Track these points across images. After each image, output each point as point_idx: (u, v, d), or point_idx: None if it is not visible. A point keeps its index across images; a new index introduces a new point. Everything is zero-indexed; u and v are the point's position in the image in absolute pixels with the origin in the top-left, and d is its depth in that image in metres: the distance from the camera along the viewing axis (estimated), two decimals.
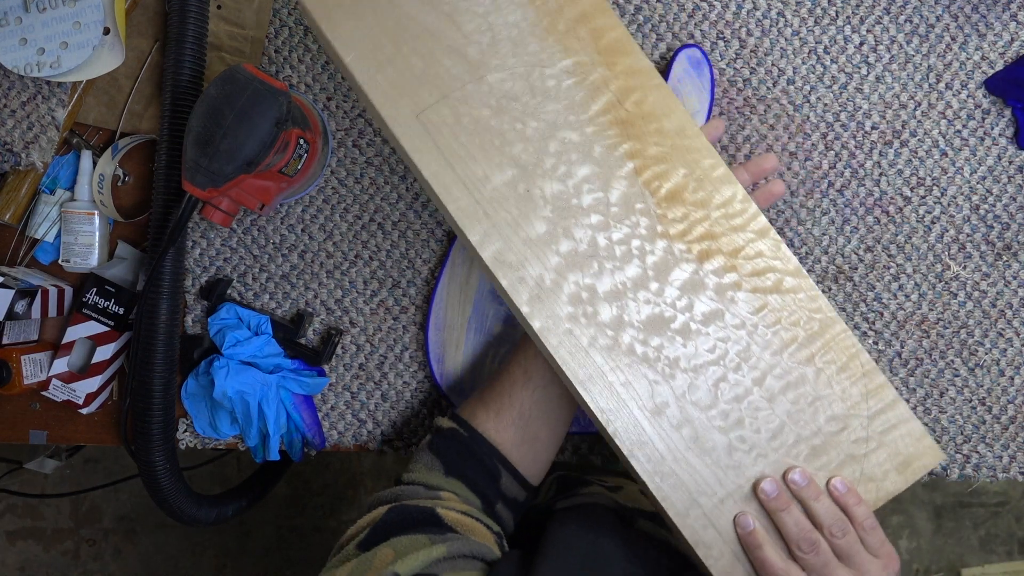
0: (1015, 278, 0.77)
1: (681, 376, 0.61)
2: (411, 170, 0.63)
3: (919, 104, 0.77)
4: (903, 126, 0.77)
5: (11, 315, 0.70)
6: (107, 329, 0.75)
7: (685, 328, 0.61)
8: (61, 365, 0.75)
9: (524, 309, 0.60)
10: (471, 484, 0.63)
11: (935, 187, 0.77)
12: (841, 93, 0.77)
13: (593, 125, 0.62)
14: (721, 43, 0.76)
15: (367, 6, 0.62)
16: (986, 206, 0.77)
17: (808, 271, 0.76)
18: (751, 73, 0.76)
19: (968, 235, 0.77)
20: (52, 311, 0.75)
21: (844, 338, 0.62)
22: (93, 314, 0.75)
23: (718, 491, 0.60)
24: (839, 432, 0.62)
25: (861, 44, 0.77)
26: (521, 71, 0.62)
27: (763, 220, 0.63)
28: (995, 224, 0.77)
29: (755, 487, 0.60)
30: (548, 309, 0.60)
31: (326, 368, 0.77)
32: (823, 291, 0.77)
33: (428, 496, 0.61)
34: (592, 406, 0.60)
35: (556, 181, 0.62)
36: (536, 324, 0.60)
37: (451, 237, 0.77)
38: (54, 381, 0.75)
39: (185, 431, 0.77)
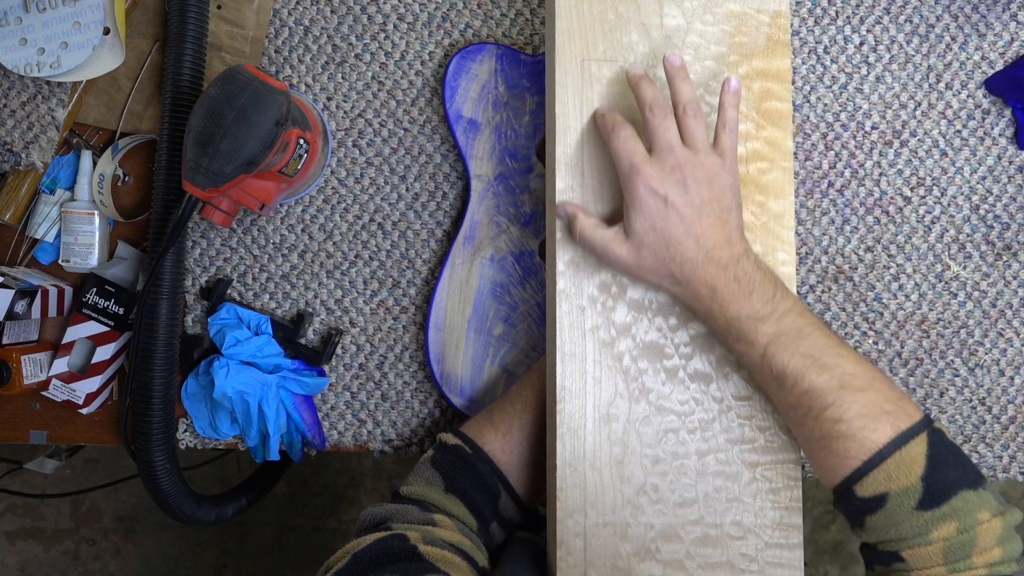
0: (1015, 278, 0.77)
1: (644, 405, 0.62)
2: (546, 103, 0.66)
3: (919, 104, 0.77)
4: (903, 126, 0.77)
5: (11, 315, 0.70)
6: (107, 329, 0.75)
7: (674, 371, 0.63)
8: (61, 365, 0.75)
9: (559, 267, 0.62)
10: (469, 503, 0.63)
11: (935, 187, 0.77)
12: (841, 93, 0.77)
13: None
14: None
15: None
16: (986, 206, 0.77)
17: (808, 271, 0.76)
18: None
19: (968, 235, 0.77)
20: (52, 311, 0.75)
21: (792, 469, 0.64)
22: (93, 314, 0.75)
23: (607, 515, 0.62)
24: (736, 539, 0.63)
25: (861, 44, 0.77)
26: None
27: None
28: (995, 224, 0.77)
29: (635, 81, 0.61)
30: (578, 279, 0.63)
31: (326, 368, 0.77)
32: (823, 291, 0.77)
33: (421, 520, 0.60)
34: (558, 379, 0.62)
35: None
36: (561, 284, 0.62)
37: (451, 237, 0.77)
38: (54, 381, 0.75)
39: (185, 431, 0.77)
